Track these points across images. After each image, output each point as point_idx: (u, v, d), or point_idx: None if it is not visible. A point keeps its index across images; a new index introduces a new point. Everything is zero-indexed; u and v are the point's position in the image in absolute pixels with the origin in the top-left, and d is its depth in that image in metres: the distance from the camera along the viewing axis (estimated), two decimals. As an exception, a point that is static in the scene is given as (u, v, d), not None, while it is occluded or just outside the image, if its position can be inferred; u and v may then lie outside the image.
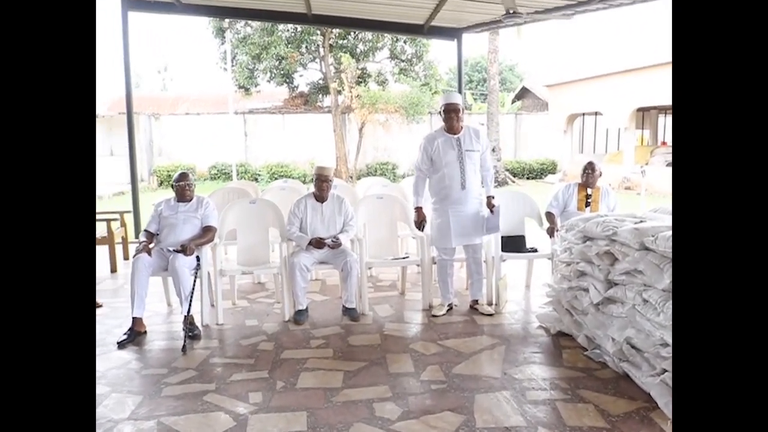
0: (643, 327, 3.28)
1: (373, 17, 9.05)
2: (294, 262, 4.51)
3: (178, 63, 53.63)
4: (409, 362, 3.76)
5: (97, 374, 3.63)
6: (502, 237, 5.03)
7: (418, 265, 5.01)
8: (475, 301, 4.85)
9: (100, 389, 3.40)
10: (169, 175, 18.97)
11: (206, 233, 4.60)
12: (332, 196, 4.83)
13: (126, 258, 7.07)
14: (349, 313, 4.66)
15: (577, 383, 3.40)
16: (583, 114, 21.34)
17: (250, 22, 19.94)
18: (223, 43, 19.98)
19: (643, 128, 20.67)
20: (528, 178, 22.11)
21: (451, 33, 9.43)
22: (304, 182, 17.07)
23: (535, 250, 5.24)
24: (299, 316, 4.57)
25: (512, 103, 27.57)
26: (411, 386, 3.38)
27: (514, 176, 21.21)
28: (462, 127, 4.56)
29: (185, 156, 20.87)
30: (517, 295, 5.34)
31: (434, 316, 4.67)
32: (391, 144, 21.93)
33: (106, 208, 13.23)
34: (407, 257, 5.10)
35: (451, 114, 4.50)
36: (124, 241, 7.20)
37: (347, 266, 4.56)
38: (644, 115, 20.15)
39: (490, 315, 4.68)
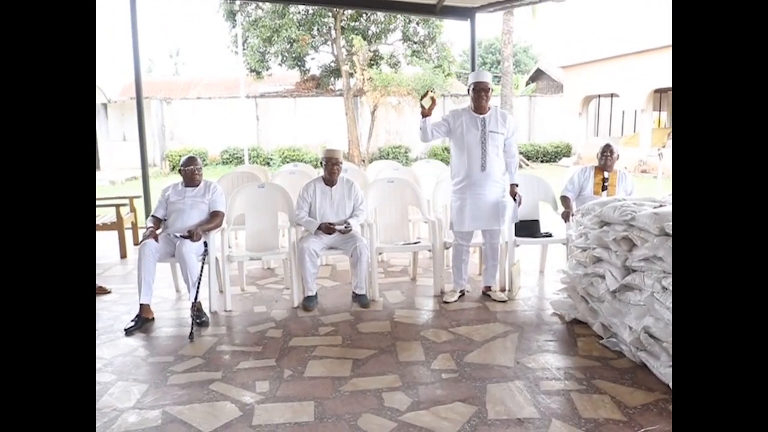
0: (663, 316, 3.17)
1: (384, -3, 8.88)
2: (303, 247, 4.43)
3: (189, 47, 53.55)
4: (420, 350, 3.67)
5: (104, 362, 3.59)
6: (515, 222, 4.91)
7: (429, 251, 4.90)
8: (488, 288, 4.76)
9: (105, 377, 3.35)
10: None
11: (214, 218, 4.53)
12: (342, 179, 4.74)
13: (136, 244, 7.03)
14: (359, 299, 4.58)
15: (593, 373, 3.29)
16: (599, 96, 20.98)
17: (261, 4, 19.77)
18: (234, 27, 19.81)
19: (660, 110, 20.28)
20: (542, 162, 21.87)
21: (465, 13, 9.23)
22: (315, 166, 17.06)
23: (550, 235, 5.11)
24: (309, 302, 4.50)
25: (526, 85, 27.24)
26: (421, 375, 3.30)
27: (528, 159, 20.98)
28: (489, 108, 4.42)
29: (197, 140, 20.85)
30: (530, 281, 5.23)
31: (446, 302, 4.58)
32: (404, 127, 21.75)
33: (118, 193, 13.29)
34: (419, 242, 5.00)
35: (480, 93, 4.35)
36: (134, 227, 7.17)
37: (357, 252, 4.47)
38: (661, 96, 19.77)
39: (503, 302, 4.58)
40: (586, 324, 4.01)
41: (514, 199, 4.55)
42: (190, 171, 4.58)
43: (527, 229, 5.11)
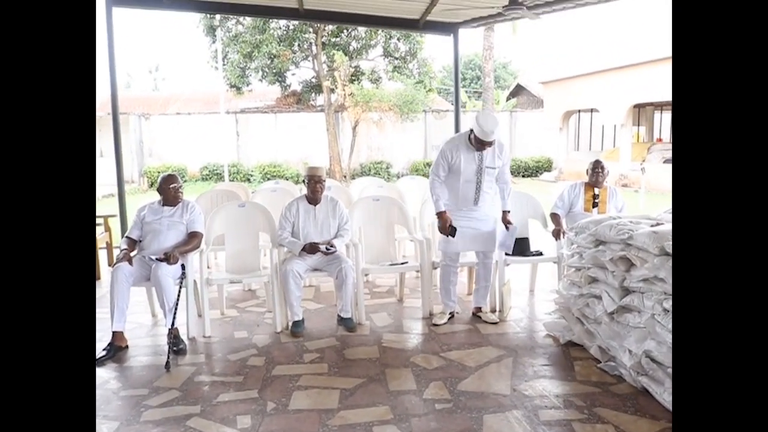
0: (665, 339, 3.03)
1: (366, 12, 8.76)
2: (287, 270, 4.23)
3: (169, 63, 53.16)
4: (411, 378, 3.48)
5: (72, 395, 3.34)
6: (505, 240, 4.77)
7: (417, 271, 4.73)
8: (479, 309, 4.60)
9: (73, 413, 3.11)
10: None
11: (191, 240, 4.31)
12: (326, 198, 4.55)
13: (110, 265, 6.75)
14: (345, 323, 4.38)
15: (593, 400, 3.13)
16: (579, 111, 21.12)
17: (241, 20, 19.63)
18: (214, 42, 19.64)
19: (638, 125, 20.45)
20: (523, 176, 21.88)
21: (448, 28, 9.15)
22: (297, 182, 16.84)
23: (540, 254, 4.97)
24: (296, 327, 4.28)
25: (507, 100, 27.34)
26: (413, 406, 3.11)
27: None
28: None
29: (176, 157, 20.53)
30: (521, 301, 5.08)
31: (435, 325, 4.40)
32: (385, 143, 21.66)
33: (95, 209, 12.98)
34: (406, 263, 4.81)
35: (485, 145, 4.16)
36: (109, 247, 6.90)
37: (342, 273, 4.28)
38: (640, 111, 19.94)
39: (495, 323, 4.41)
40: (581, 346, 3.86)
41: (506, 227, 4.46)
42: (173, 189, 4.35)
43: (517, 247, 4.94)
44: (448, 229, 4.26)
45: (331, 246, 4.33)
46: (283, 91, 21.80)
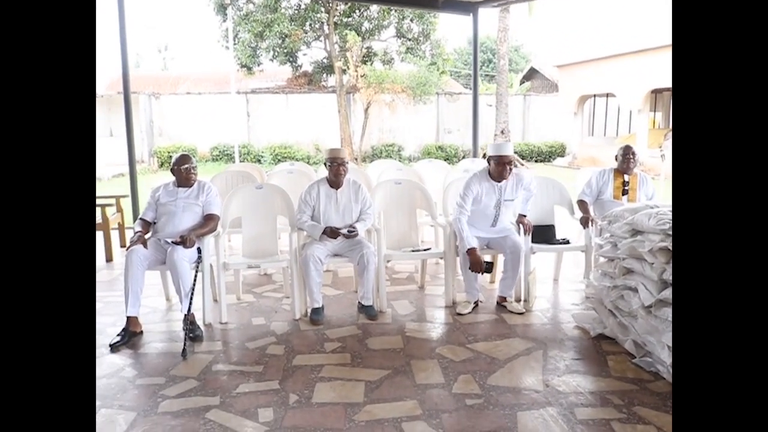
0: (710, 336, 2.86)
1: (384, -10, 8.52)
2: (307, 255, 4.07)
3: (179, 42, 52.77)
4: (438, 370, 3.33)
5: (86, 383, 3.22)
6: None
7: (441, 258, 4.57)
8: (504, 298, 4.43)
9: (88, 402, 2.99)
10: (170, 156, 18.49)
11: (208, 222, 4.16)
12: (348, 181, 4.37)
13: (123, 245, 6.64)
14: (366, 310, 4.23)
15: (631, 398, 2.97)
16: (595, 95, 20.76)
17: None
18: (224, 21, 19.37)
19: (655, 111, 20.09)
20: (536, 161, 21.62)
21: (467, 7, 8.89)
22: (309, 163, 16.67)
23: (567, 242, 4.80)
24: (316, 315, 4.14)
25: (520, 84, 26.99)
26: (443, 401, 2.96)
27: (523, 159, 20.71)
28: (509, 177, 4.41)
29: (186, 137, 20.38)
30: (545, 291, 4.91)
31: (459, 314, 4.24)
32: (397, 125, 21.41)
33: (105, 190, 12.82)
34: (429, 249, 4.64)
35: (505, 165, 4.33)
36: (121, 228, 6.77)
37: (364, 259, 4.13)
38: (657, 97, 19.57)
39: (520, 313, 4.25)
40: (613, 340, 3.70)
41: (519, 227, 4.54)
42: (185, 170, 4.20)
43: (542, 234, 4.79)
44: (480, 267, 4.21)
45: (353, 229, 4.17)
46: (294, 71, 21.53)
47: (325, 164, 4.41)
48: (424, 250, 4.60)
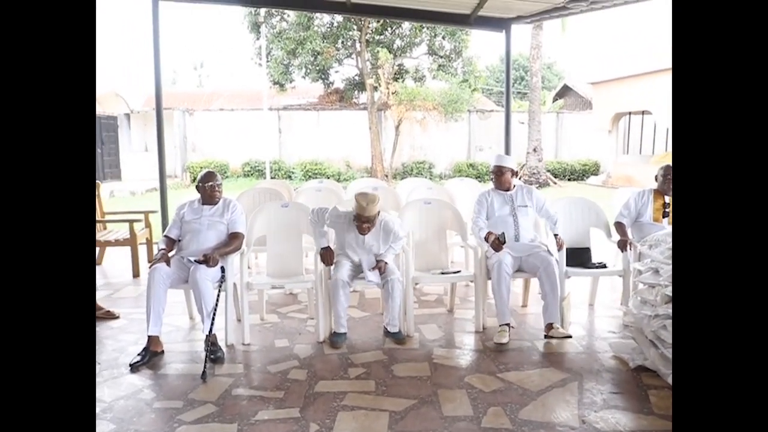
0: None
1: (415, 6, 8.46)
2: (337, 279, 3.95)
3: (213, 59, 53.80)
4: (466, 401, 3.16)
5: (103, 406, 3.13)
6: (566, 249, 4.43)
7: (471, 281, 4.41)
8: (550, 326, 4.07)
9: (103, 426, 2.89)
10: (202, 172, 18.68)
11: (232, 241, 4.08)
12: (379, 223, 4.12)
13: (150, 261, 6.61)
14: (393, 336, 4.08)
15: (676, 438, 2.75)
16: (630, 113, 20.36)
17: (285, 16, 19.55)
18: (258, 39, 19.63)
19: (693, 129, 19.56)
20: (569, 179, 21.25)
21: (500, 24, 8.76)
22: (339, 180, 16.63)
23: (604, 266, 4.58)
24: (337, 338, 4.01)
25: (553, 101, 26.67)
26: (471, 436, 2.79)
27: (555, 177, 20.37)
28: (514, 186, 4.54)
29: (219, 152, 20.58)
30: (580, 317, 4.70)
31: (498, 344, 3.97)
32: (428, 142, 21.29)
33: (138, 204, 12.99)
34: (459, 272, 4.47)
35: (498, 175, 4.51)
36: (149, 243, 6.75)
37: (389, 285, 3.99)
38: (696, 114, 19.08)
39: (568, 337, 3.99)
40: (655, 373, 3.47)
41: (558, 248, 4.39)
42: (209, 188, 4.14)
43: (577, 258, 4.59)
44: (497, 241, 4.17)
45: (381, 264, 4.04)
46: (326, 88, 21.67)
47: (345, 179, 4.25)
48: (454, 272, 4.43)
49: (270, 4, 13.47)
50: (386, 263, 4.06)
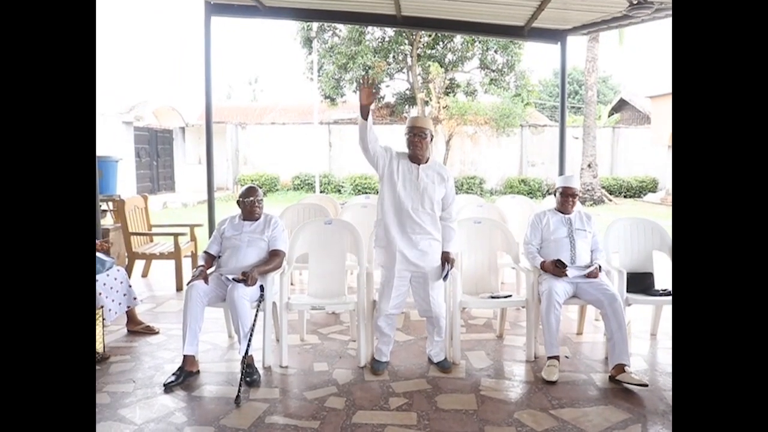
0: None
1: (467, 18, 8.25)
2: (381, 312, 3.76)
3: (267, 74, 54.91)
4: (516, 441, 2.89)
5: (134, 428, 3.01)
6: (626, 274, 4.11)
7: (523, 307, 4.13)
8: (621, 367, 3.61)
9: (131, 453, 2.77)
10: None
11: (272, 259, 3.94)
12: (434, 162, 3.84)
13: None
14: (438, 364, 3.85)
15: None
16: (692, 128, 19.51)
17: (337, 31, 19.68)
18: (310, 53, 19.82)
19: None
20: (625, 197, 20.49)
21: (555, 35, 8.46)
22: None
23: (669, 293, 4.22)
24: (379, 365, 3.80)
25: (609, 115, 25.92)
26: (521, 483, 2.53)
27: (611, 194, 19.69)
28: (573, 210, 4.29)
29: (269, 165, 20.78)
30: (641, 348, 4.35)
31: (548, 381, 3.63)
32: (479, 157, 20.95)
33: (189, 215, 13.16)
34: (510, 296, 4.19)
35: (568, 197, 4.23)
36: (193, 256, 6.72)
37: (432, 318, 3.78)
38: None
39: (645, 386, 3.50)
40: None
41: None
42: (249, 203, 4.03)
43: (639, 283, 4.26)
44: (554, 266, 3.94)
45: (449, 256, 3.74)
46: (376, 102, 21.63)
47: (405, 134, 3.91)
48: (505, 297, 4.15)
49: (320, 19, 13.49)
50: (453, 259, 3.77)
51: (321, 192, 18.63)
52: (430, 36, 19.44)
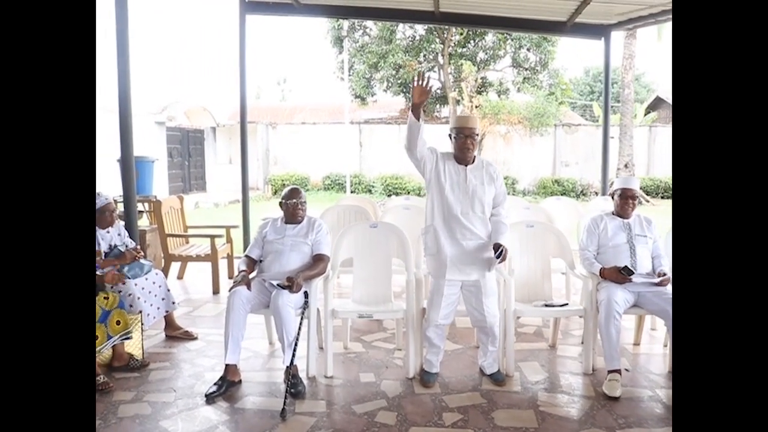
0: None
1: (507, 14, 8.01)
2: (430, 322, 3.57)
3: (296, 74, 55.09)
4: (584, 465, 2.68)
5: (177, 443, 2.87)
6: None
7: (581, 316, 3.90)
8: None
9: (175, 471, 2.62)
10: (284, 185, 18.84)
11: (317, 264, 3.78)
12: (482, 162, 3.63)
13: (230, 277, 6.46)
14: (491, 376, 3.64)
15: None
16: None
17: (368, 30, 19.54)
18: (340, 53, 19.71)
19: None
20: (662, 197, 19.94)
21: (599, 31, 8.18)
22: (418, 195, 16.27)
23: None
24: (429, 377, 3.60)
25: (645, 114, 25.31)
26: None
27: (648, 194, 19.17)
28: (632, 214, 4.00)
29: (300, 165, 20.73)
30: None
31: (611, 398, 3.40)
32: (511, 157, 20.60)
33: (221, 215, 13.14)
34: (566, 305, 3.95)
35: (628, 199, 3.95)
36: (230, 259, 6.61)
37: (486, 329, 3.57)
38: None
39: None
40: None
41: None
42: (292, 205, 3.87)
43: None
44: (621, 274, 3.67)
45: (503, 249, 3.42)
46: (407, 102, 21.43)
47: (449, 136, 3.69)
48: (561, 305, 3.92)
49: (356, 16, 13.37)
50: (506, 249, 3.44)
51: (351, 192, 18.50)
52: (461, 34, 19.16)
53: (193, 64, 22.49)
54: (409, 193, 17.61)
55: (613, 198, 4.05)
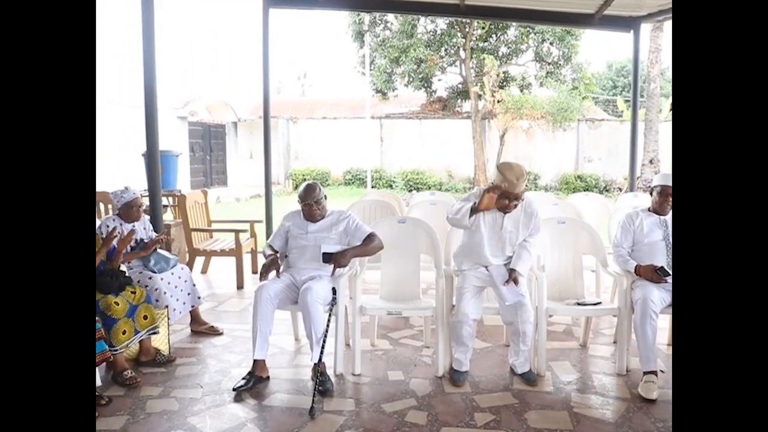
0: None
1: (534, 6, 7.87)
2: (460, 316, 3.50)
3: (317, 69, 55.11)
4: (624, 469, 2.59)
5: (205, 440, 2.84)
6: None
7: (615, 315, 3.80)
8: None
9: (204, 469, 2.58)
10: (304, 179, 18.83)
11: (368, 242, 3.72)
12: (524, 206, 3.60)
13: (255, 272, 6.44)
14: (522, 375, 3.56)
15: None
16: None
17: (389, 25, 19.41)
18: (361, 47, 19.60)
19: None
20: (689, 194, 19.59)
21: (628, 23, 8.01)
22: (440, 190, 16.17)
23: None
24: (458, 376, 3.54)
25: (670, 110, 24.87)
26: None
27: (674, 191, 18.85)
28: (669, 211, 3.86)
29: (320, 160, 20.72)
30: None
31: (647, 400, 3.30)
32: (534, 152, 20.37)
33: (242, 210, 13.17)
34: (599, 303, 3.86)
35: (667, 197, 3.79)
36: (253, 253, 6.59)
37: (520, 323, 3.48)
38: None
39: None
40: None
41: None
42: (306, 207, 3.76)
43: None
44: (656, 274, 3.58)
45: (515, 275, 3.46)
46: (428, 96, 21.26)
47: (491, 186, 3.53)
48: (594, 304, 3.82)
49: (380, 9, 13.23)
50: (521, 275, 3.50)
51: (372, 187, 18.45)
52: (483, 28, 18.94)
53: (214, 59, 22.57)
54: (430, 188, 17.49)
55: (651, 194, 3.93)
